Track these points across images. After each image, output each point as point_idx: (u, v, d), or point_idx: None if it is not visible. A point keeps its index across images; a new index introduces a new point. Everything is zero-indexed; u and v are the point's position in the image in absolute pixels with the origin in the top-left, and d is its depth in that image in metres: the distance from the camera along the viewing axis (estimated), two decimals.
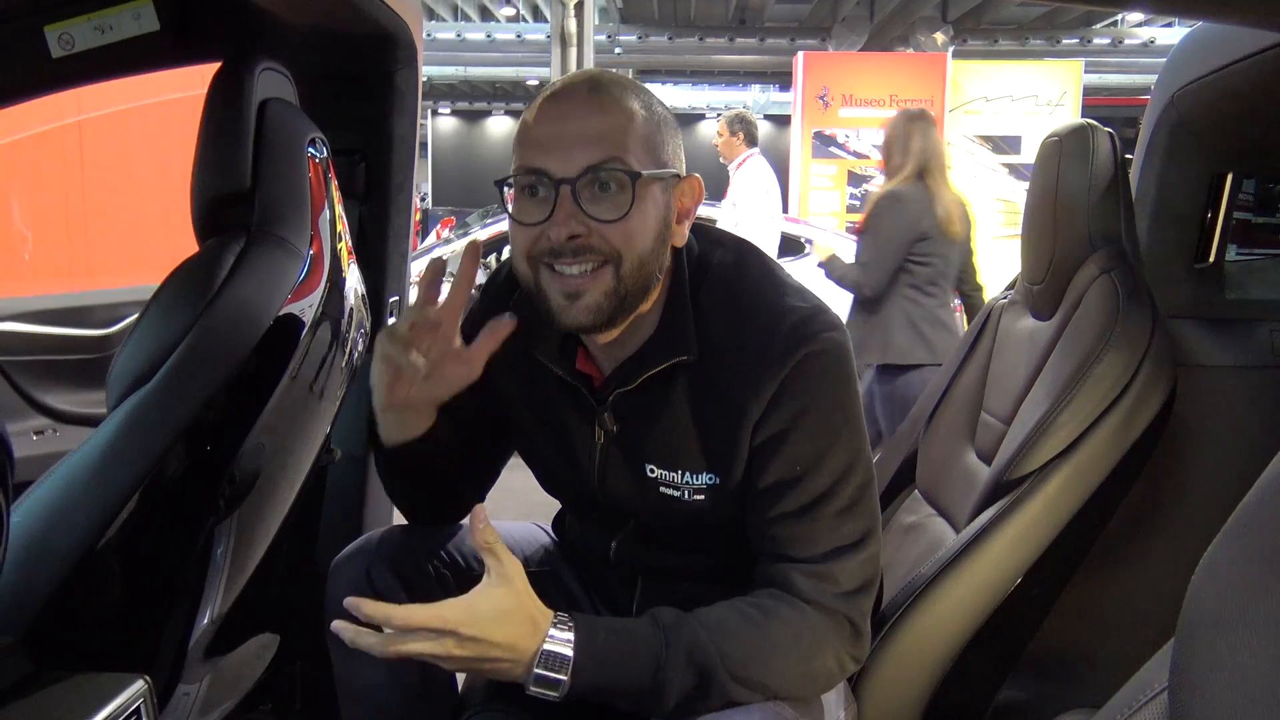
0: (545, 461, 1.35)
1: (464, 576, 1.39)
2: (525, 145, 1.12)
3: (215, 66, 1.40)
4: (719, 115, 5.67)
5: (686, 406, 1.18)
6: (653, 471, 1.21)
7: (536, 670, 1.05)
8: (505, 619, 1.04)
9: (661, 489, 1.21)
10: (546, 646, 1.05)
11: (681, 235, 1.19)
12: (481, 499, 1.45)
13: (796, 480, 1.13)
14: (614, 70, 1.26)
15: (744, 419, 1.14)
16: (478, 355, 1.18)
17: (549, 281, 1.12)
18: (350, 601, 1.04)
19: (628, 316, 1.15)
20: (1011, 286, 1.99)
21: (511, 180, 1.14)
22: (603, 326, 1.13)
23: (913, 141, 3.45)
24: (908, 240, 3.40)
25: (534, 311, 1.18)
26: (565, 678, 1.05)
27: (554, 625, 1.06)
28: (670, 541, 1.28)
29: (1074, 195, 1.66)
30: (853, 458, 1.14)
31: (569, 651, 1.05)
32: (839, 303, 5.49)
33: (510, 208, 1.15)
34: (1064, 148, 1.69)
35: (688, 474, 1.19)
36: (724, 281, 1.19)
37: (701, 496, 1.20)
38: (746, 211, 5.19)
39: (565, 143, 1.09)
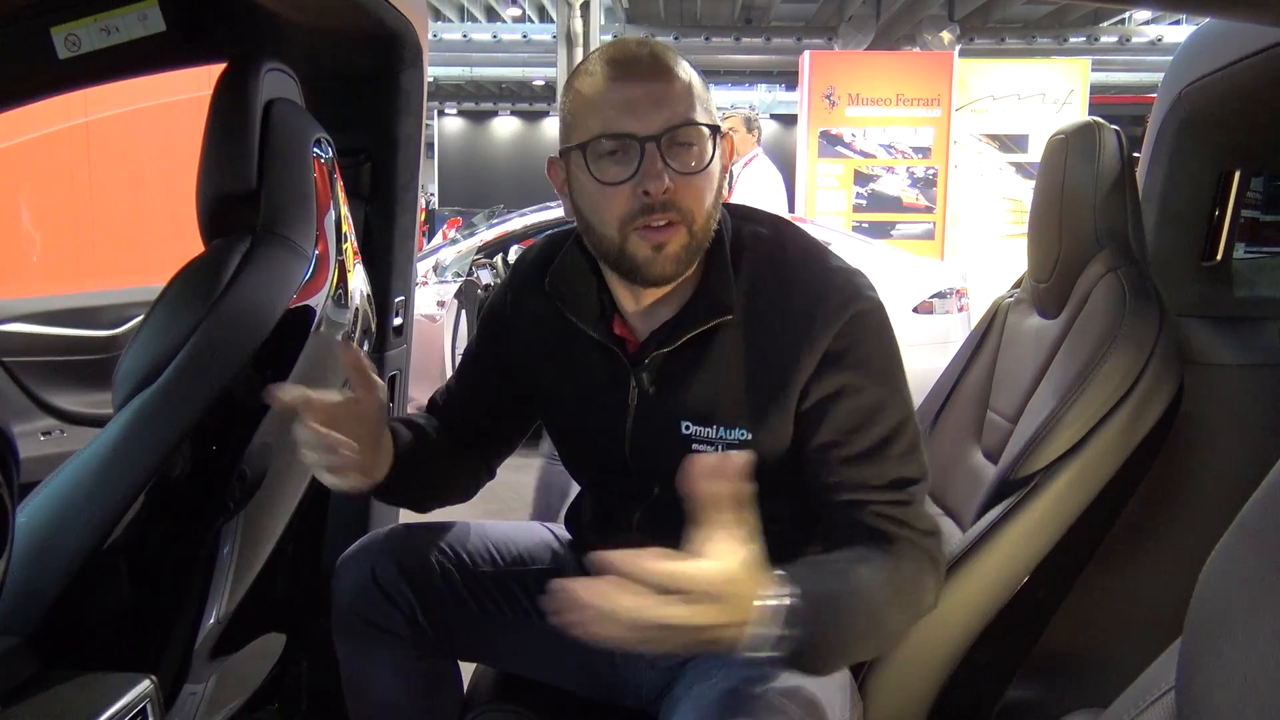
0: (574, 429, 1.37)
1: (470, 573, 1.40)
2: (599, 111, 1.15)
3: (221, 67, 1.41)
4: (724, 114, 5.65)
5: (726, 364, 1.21)
6: (688, 429, 1.23)
7: (760, 630, 0.96)
8: (730, 588, 0.93)
9: (694, 445, 1.23)
10: (769, 602, 0.97)
11: (725, 188, 1.24)
12: (492, 474, 1.47)
13: (861, 427, 1.17)
14: None
15: (793, 375, 1.17)
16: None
17: (637, 240, 1.16)
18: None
19: (691, 266, 1.20)
20: (1018, 285, 1.99)
21: (589, 145, 1.16)
22: (680, 275, 1.19)
23: None
24: None
25: (573, 281, 1.27)
26: (797, 632, 0.98)
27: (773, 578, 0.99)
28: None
29: (1080, 193, 1.66)
30: (906, 408, 1.20)
31: (779, 632, 0.97)
32: None
33: (591, 171, 1.16)
34: (1070, 146, 1.68)
35: (722, 429, 1.22)
36: (763, 249, 1.24)
37: (733, 451, 1.20)
38: None
39: (644, 105, 1.13)
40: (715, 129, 1.17)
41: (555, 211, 5.80)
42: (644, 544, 1.04)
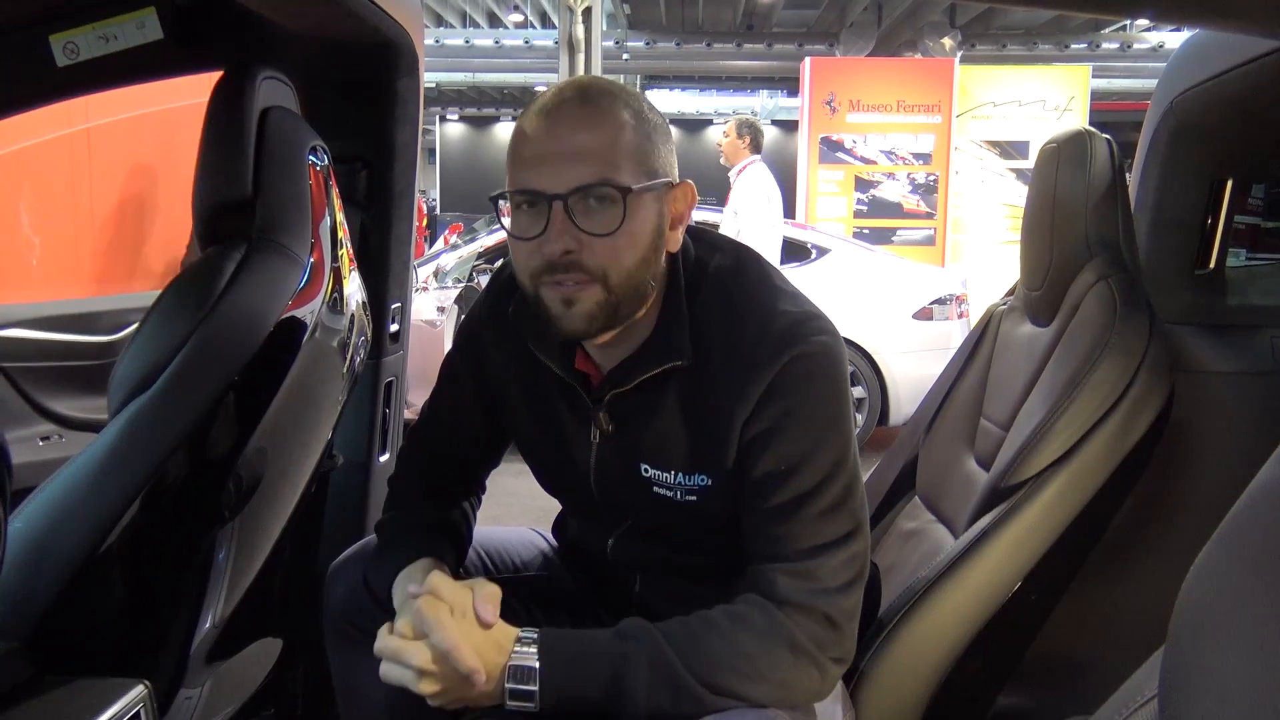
0: (543, 461, 1.36)
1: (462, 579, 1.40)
2: (518, 164, 1.13)
3: (217, 75, 1.42)
4: (725, 121, 5.67)
5: (679, 409, 1.19)
6: (647, 471, 1.23)
7: (509, 685, 1.09)
8: (471, 646, 1.09)
9: (655, 489, 1.23)
10: (513, 661, 1.09)
11: (676, 240, 1.20)
12: (483, 489, 1.49)
13: (781, 478, 1.14)
14: (606, 77, 1.26)
15: (733, 420, 1.15)
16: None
17: (548, 292, 1.13)
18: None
19: (623, 322, 1.16)
20: (1011, 292, 1.99)
21: (503, 197, 1.15)
22: (598, 332, 1.15)
23: None
24: None
25: (534, 313, 1.20)
26: (535, 688, 1.09)
27: (519, 642, 1.11)
28: (666, 540, 1.29)
29: (1072, 201, 1.66)
30: (838, 459, 1.15)
31: (535, 663, 1.09)
32: (848, 311, 5.51)
33: (507, 222, 1.16)
34: (1062, 154, 1.69)
35: (680, 475, 1.21)
36: (720, 286, 1.21)
37: (694, 497, 1.21)
38: (748, 219, 5.18)
39: (557, 161, 1.10)
40: (630, 190, 1.10)
41: None
42: (617, 567, 1.32)
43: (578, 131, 1.10)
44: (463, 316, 5.00)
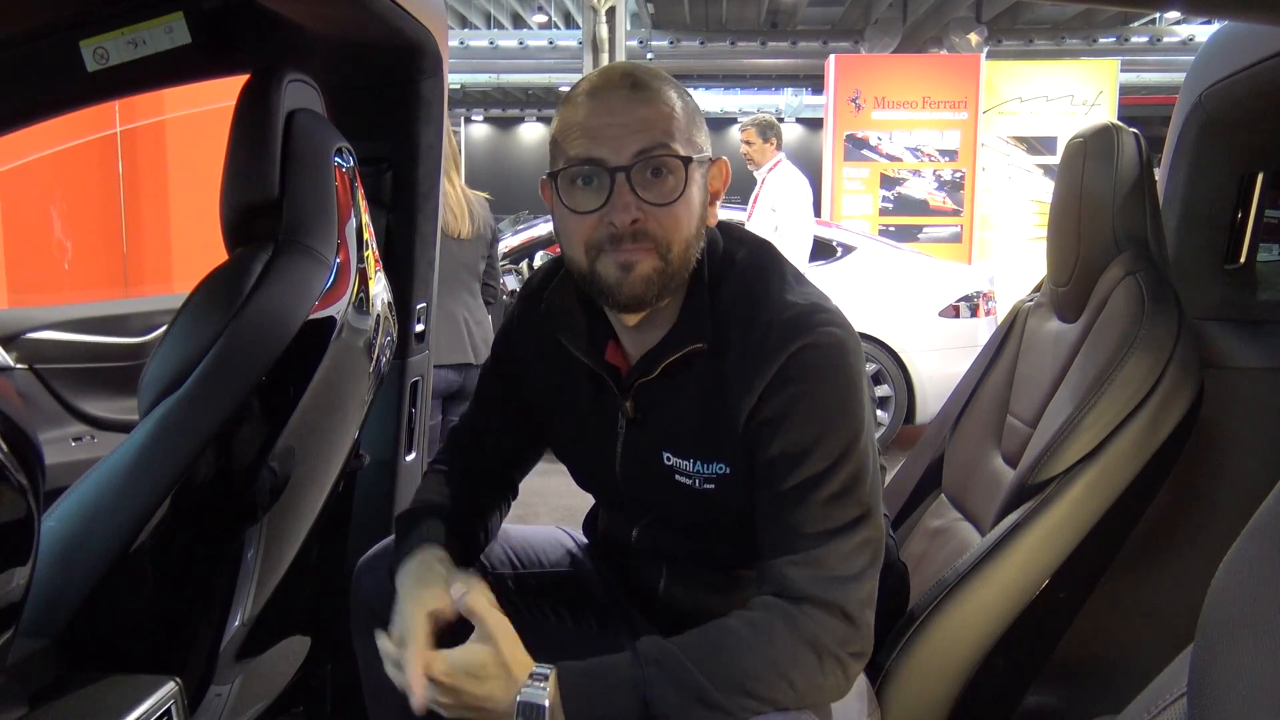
0: (573, 453, 1.39)
1: (489, 576, 1.41)
2: (573, 138, 1.16)
3: (244, 78, 1.43)
4: (742, 121, 5.65)
5: (698, 396, 1.21)
6: (668, 460, 1.25)
7: None
8: (481, 673, 1.10)
9: (676, 476, 1.24)
10: (521, 698, 1.08)
11: (713, 216, 1.24)
12: (515, 493, 1.50)
13: (789, 464, 1.14)
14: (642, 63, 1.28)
15: (740, 408, 1.17)
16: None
17: (604, 261, 1.16)
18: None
19: (671, 293, 1.20)
20: (1038, 289, 1.98)
21: (561, 173, 1.17)
22: (653, 300, 1.18)
23: None
24: None
25: (566, 306, 1.27)
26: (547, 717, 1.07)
27: (531, 677, 1.10)
28: (688, 529, 1.31)
29: (1099, 196, 1.65)
30: (846, 446, 1.15)
31: (544, 701, 1.07)
32: (874, 309, 5.47)
33: (562, 199, 1.18)
34: (1089, 149, 1.68)
35: (699, 463, 1.22)
36: (741, 278, 1.23)
37: (712, 485, 1.22)
38: (787, 217, 5.16)
39: (616, 132, 1.13)
40: (690, 159, 1.15)
41: None
42: (644, 556, 1.33)
43: (633, 106, 1.15)
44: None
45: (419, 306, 1.94)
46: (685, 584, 1.34)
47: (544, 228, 6.08)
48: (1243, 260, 1.87)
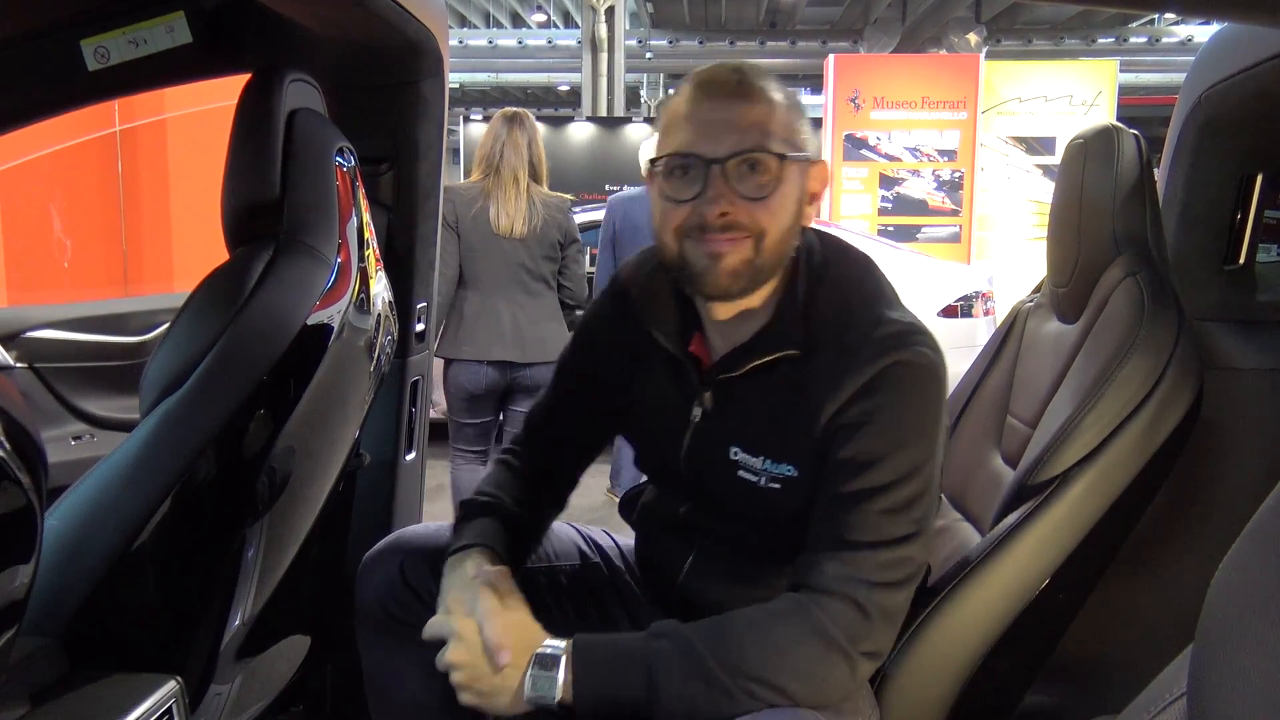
0: (642, 434, 1.43)
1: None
2: (677, 130, 1.21)
3: (245, 78, 1.43)
4: None
5: (779, 398, 1.23)
6: (735, 454, 1.27)
7: (532, 672, 1.13)
8: (505, 623, 1.16)
9: (740, 472, 1.26)
10: (540, 650, 1.13)
11: (810, 216, 1.27)
12: (575, 485, 1.54)
13: (856, 469, 1.17)
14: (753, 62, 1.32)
15: (822, 412, 1.19)
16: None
17: (694, 248, 1.19)
18: None
19: (761, 286, 1.23)
20: (1038, 289, 1.98)
21: (662, 160, 1.21)
22: (740, 293, 1.21)
23: (487, 141, 3.51)
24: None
25: (658, 294, 1.31)
26: (560, 675, 1.11)
27: (549, 637, 1.15)
28: (739, 517, 1.32)
29: (1099, 197, 1.65)
30: (915, 466, 1.17)
31: (561, 653, 1.12)
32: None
33: (661, 186, 1.22)
34: (1089, 150, 1.68)
35: (768, 461, 1.24)
36: (838, 288, 1.26)
37: (778, 485, 1.24)
38: None
39: (716, 128, 1.18)
40: (785, 157, 1.18)
41: (582, 215, 5.81)
42: (679, 531, 1.37)
43: (736, 103, 1.19)
44: None
45: (419, 306, 1.95)
46: (707, 572, 1.35)
47: None
48: (1242, 261, 1.87)
